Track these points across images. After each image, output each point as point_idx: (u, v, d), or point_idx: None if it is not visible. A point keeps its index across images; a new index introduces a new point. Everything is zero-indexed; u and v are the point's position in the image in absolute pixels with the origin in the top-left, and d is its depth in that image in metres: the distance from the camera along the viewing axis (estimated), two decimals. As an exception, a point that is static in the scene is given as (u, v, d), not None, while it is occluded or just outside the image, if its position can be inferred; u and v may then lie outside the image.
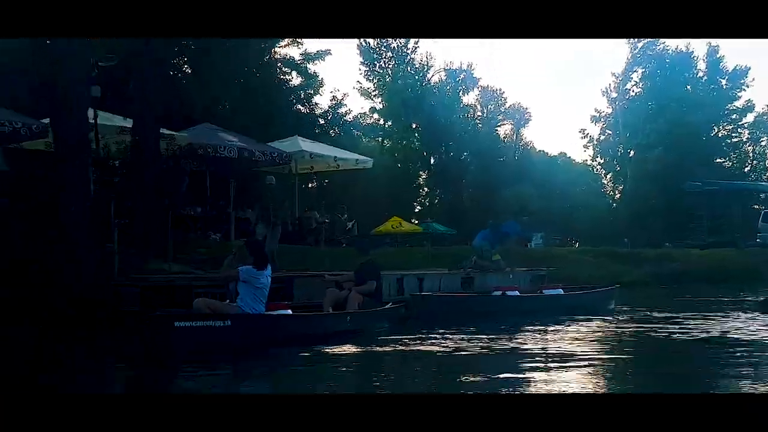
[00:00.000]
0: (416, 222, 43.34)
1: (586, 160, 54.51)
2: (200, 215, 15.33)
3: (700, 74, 47.58)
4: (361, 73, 48.94)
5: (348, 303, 8.02)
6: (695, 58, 47.36)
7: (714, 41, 46.59)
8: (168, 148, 14.55)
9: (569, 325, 8.45)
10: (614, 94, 49.25)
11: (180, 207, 15.26)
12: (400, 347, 6.99)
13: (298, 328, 6.93)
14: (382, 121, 49.05)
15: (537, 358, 6.24)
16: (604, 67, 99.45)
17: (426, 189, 50.94)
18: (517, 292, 9.94)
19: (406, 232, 33.63)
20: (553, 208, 48.63)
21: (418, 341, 7.26)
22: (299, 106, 25.92)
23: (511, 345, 6.97)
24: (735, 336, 7.66)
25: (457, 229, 33.44)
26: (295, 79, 28.39)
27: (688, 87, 46.56)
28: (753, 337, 7.50)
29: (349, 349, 6.84)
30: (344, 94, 33.28)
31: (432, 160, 49.75)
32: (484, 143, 47.92)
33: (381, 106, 48.48)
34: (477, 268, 10.95)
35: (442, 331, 7.82)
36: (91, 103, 10.42)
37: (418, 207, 50.32)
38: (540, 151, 55.87)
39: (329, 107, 29.83)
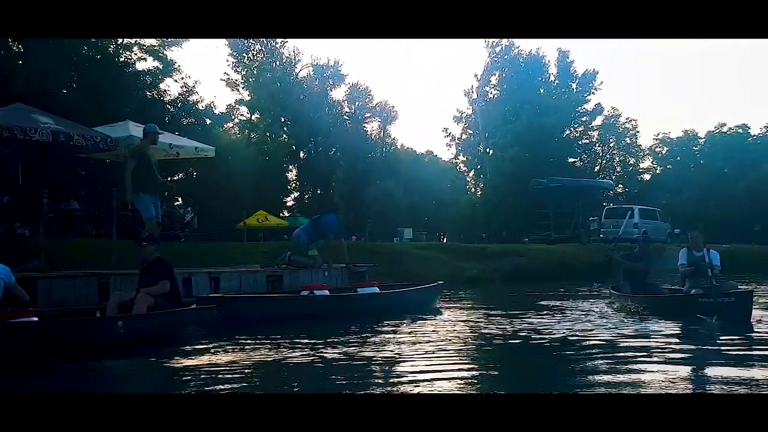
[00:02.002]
0: (285, 216, 42.43)
1: (452, 159, 56.17)
2: (7, 206, 13.55)
3: (552, 78, 50.32)
4: (229, 65, 47.31)
5: (135, 306, 7.02)
6: (547, 63, 50.04)
7: (564, 46, 49.63)
8: (-33, 129, 12.75)
9: (382, 327, 7.87)
10: (474, 96, 50.94)
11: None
12: (182, 360, 5.92)
13: (37, 339, 5.74)
14: (248, 114, 47.55)
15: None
16: (468, 69, 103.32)
17: (297, 183, 50.05)
18: (326, 292, 8.98)
19: (272, 226, 32.66)
20: (419, 204, 49.62)
21: (209, 351, 6.34)
22: (146, 92, 24.09)
23: (328, 353, 6.17)
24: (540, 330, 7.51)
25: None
26: (144, 63, 26.63)
27: (541, 90, 49.08)
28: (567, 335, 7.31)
29: (117, 365, 5.67)
30: (195, 82, 31.59)
31: (301, 155, 48.94)
32: (352, 139, 47.91)
33: (249, 98, 46.97)
34: (292, 264, 10.14)
35: (244, 338, 6.99)
36: None
37: (291, 201, 49.44)
38: (408, 148, 56.87)
39: (179, 94, 28.09)
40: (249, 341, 6.84)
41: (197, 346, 6.63)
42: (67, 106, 19.81)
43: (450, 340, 6.94)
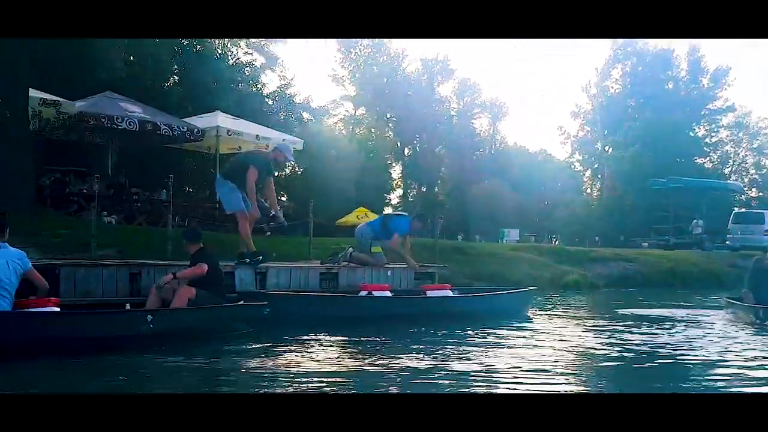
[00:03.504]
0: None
1: (567, 158, 53.40)
2: (96, 194, 13.71)
3: (682, 73, 46.43)
4: (336, 60, 47.61)
5: (174, 299, 6.41)
6: (677, 57, 46.22)
7: (695, 40, 45.71)
8: (59, 116, 13.05)
9: (450, 334, 6.74)
10: (594, 91, 48.02)
11: (68, 183, 13.80)
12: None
13: (59, 330, 5.28)
14: (353, 110, 47.57)
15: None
16: (587, 63, 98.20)
17: (401, 181, 49.52)
18: (387, 293, 8.00)
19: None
20: (529, 204, 47.39)
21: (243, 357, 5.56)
22: (245, 85, 24.35)
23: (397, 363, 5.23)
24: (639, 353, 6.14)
25: (429, 222, 32.05)
26: (247, 57, 26.93)
27: (669, 85, 45.39)
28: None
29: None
30: (294, 75, 31.82)
31: (406, 152, 48.36)
32: (459, 136, 46.61)
33: (353, 93, 47.00)
34: (353, 261, 9.19)
35: (292, 339, 6.20)
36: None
37: (396, 199, 48.93)
38: (521, 146, 54.62)
39: (277, 87, 28.24)
40: (297, 344, 6.03)
41: (239, 347, 5.90)
42: (167, 97, 20.24)
43: (529, 355, 5.75)
